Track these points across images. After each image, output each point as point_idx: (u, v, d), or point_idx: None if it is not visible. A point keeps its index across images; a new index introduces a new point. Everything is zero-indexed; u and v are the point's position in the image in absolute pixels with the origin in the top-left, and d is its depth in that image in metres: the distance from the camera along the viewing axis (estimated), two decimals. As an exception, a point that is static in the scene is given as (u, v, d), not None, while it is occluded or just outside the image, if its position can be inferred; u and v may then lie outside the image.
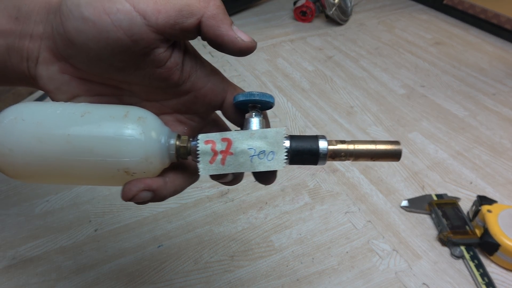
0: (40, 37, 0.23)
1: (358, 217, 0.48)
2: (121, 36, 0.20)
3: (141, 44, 0.21)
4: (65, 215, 0.47)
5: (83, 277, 0.40)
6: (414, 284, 0.40)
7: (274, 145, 0.23)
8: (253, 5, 1.12)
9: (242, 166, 0.23)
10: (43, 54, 0.23)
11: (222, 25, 0.21)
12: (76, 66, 0.23)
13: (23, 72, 0.24)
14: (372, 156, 0.24)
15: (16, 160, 0.21)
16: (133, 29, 0.20)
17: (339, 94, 0.72)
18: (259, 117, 0.24)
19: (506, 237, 0.41)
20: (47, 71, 0.23)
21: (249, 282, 0.40)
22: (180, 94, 0.24)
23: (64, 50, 0.22)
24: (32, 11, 0.23)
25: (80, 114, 0.21)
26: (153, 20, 0.20)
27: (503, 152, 0.59)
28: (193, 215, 0.47)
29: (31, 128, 0.21)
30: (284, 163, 0.23)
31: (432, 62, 0.84)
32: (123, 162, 0.21)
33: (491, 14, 0.95)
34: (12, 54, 0.23)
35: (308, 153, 0.23)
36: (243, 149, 0.22)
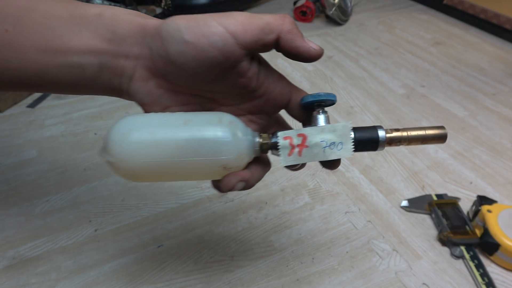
0: (136, 57, 0.26)
1: (358, 217, 0.48)
2: (216, 54, 0.24)
3: (231, 60, 0.25)
4: (65, 215, 0.47)
5: (83, 277, 0.40)
6: (414, 284, 0.40)
7: (342, 137, 0.27)
8: (253, 5, 1.12)
9: (316, 156, 0.27)
10: (139, 72, 0.27)
11: (297, 38, 0.25)
12: (172, 81, 0.27)
13: (114, 86, 0.27)
14: (422, 140, 0.28)
15: (135, 165, 0.25)
16: (226, 47, 0.24)
17: (339, 94, 0.72)
18: (325, 114, 0.28)
19: (506, 237, 0.41)
20: (144, 87, 0.27)
21: (249, 282, 0.40)
22: (254, 98, 0.28)
23: (163, 69, 0.26)
24: (128, 35, 0.26)
25: (183, 122, 0.26)
26: (241, 39, 0.24)
27: (503, 152, 0.59)
28: (193, 215, 0.47)
29: (145, 136, 0.25)
30: (352, 151, 0.27)
31: (432, 62, 0.84)
32: (223, 159, 0.26)
33: (491, 14, 0.95)
34: (104, 71, 0.26)
35: (369, 141, 0.27)
36: (316, 142, 0.27)
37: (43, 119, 0.63)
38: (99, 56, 0.26)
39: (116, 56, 0.26)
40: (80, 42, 0.25)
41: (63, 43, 0.25)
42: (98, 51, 0.26)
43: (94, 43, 0.26)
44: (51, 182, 0.52)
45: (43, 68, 0.26)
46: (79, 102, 0.67)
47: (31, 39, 0.25)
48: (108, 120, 0.63)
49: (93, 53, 0.26)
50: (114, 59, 0.26)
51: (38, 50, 0.25)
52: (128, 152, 0.25)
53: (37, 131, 0.60)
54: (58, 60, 0.26)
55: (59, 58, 0.25)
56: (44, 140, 0.59)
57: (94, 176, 0.53)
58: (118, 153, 0.25)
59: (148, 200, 0.49)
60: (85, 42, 0.25)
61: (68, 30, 0.25)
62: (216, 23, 0.24)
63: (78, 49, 0.25)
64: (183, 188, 0.51)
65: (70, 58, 0.26)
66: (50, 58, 0.25)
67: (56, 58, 0.25)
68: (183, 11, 0.97)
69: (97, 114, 0.65)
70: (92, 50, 0.26)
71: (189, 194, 0.50)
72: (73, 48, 0.25)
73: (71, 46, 0.25)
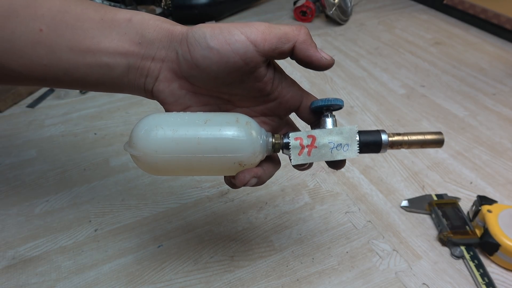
0: (162, 60, 0.29)
1: (358, 217, 0.48)
2: (238, 60, 0.26)
3: (250, 65, 0.27)
4: (65, 215, 0.47)
5: (83, 277, 0.40)
6: (414, 284, 0.40)
7: (348, 139, 0.29)
8: (253, 5, 1.12)
9: (324, 156, 0.29)
10: (164, 74, 0.29)
11: (311, 48, 0.28)
12: (194, 83, 0.29)
13: (139, 86, 0.30)
14: (421, 144, 0.30)
15: (159, 159, 0.27)
16: (247, 54, 0.26)
17: (339, 94, 0.72)
18: (333, 117, 0.30)
19: (506, 237, 0.41)
20: (168, 87, 0.29)
21: (249, 282, 0.40)
22: (268, 101, 0.31)
23: (187, 71, 0.28)
24: (156, 39, 0.28)
25: (204, 121, 0.28)
26: (261, 47, 0.27)
27: (503, 152, 0.59)
28: (193, 215, 0.47)
29: (169, 133, 0.27)
30: (357, 152, 0.29)
31: (432, 62, 0.84)
32: (239, 157, 0.28)
33: (491, 14, 0.95)
34: (131, 71, 0.29)
35: (374, 144, 0.30)
36: (324, 143, 0.29)
37: (43, 119, 0.63)
38: (128, 57, 0.28)
39: (144, 58, 0.28)
40: (110, 44, 0.28)
41: (93, 44, 0.27)
42: (126, 52, 0.28)
43: (123, 45, 0.28)
44: (51, 182, 0.52)
45: (73, 66, 0.28)
46: (79, 102, 0.67)
47: (63, 39, 0.27)
48: (108, 120, 0.63)
49: (122, 55, 0.28)
50: (142, 61, 0.28)
51: (69, 50, 0.27)
52: (152, 146, 0.27)
53: (37, 131, 0.60)
54: (88, 60, 0.28)
55: (89, 58, 0.28)
56: (44, 140, 0.59)
57: (94, 176, 0.53)
58: (143, 147, 0.27)
59: (148, 200, 0.49)
60: (114, 44, 0.28)
61: (99, 32, 0.28)
62: (238, 32, 0.27)
63: (108, 50, 0.28)
64: (183, 188, 0.51)
65: (99, 58, 0.28)
66: (80, 57, 0.28)
67: (86, 58, 0.28)
68: (183, 11, 0.97)
69: (97, 114, 0.65)
70: (121, 51, 0.28)
71: (189, 194, 0.50)
72: (103, 49, 0.28)
73: (101, 47, 0.28)
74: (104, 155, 0.56)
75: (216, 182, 0.52)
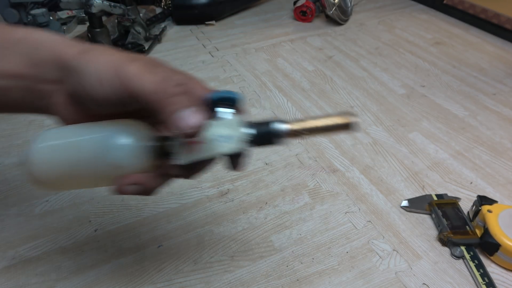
0: (56, 83, 0.28)
1: (358, 217, 0.48)
2: (122, 91, 0.26)
3: (135, 96, 0.26)
4: (65, 215, 0.47)
5: (83, 277, 0.40)
6: (414, 284, 0.40)
7: (234, 131, 0.27)
8: (253, 5, 1.12)
9: (211, 151, 0.27)
10: (58, 97, 0.28)
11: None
12: (88, 107, 0.28)
13: (37, 107, 0.30)
14: (324, 130, 0.28)
15: (40, 170, 0.28)
16: (129, 88, 0.26)
17: (339, 94, 0.72)
18: (227, 110, 0.28)
19: (506, 237, 0.41)
20: (64, 110, 0.29)
21: (249, 282, 0.40)
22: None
23: (79, 96, 0.28)
24: (48, 61, 0.27)
25: (87, 130, 0.28)
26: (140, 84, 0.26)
27: (503, 152, 0.59)
28: (193, 215, 0.47)
29: (50, 144, 0.28)
30: (244, 144, 0.27)
31: (432, 62, 0.83)
32: (118, 163, 0.27)
33: (492, 14, 0.95)
34: (27, 94, 0.28)
35: (266, 134, 0.27)
36: (211, 137, 0.27)
37: (43, 119, 0.63)
38: (22, 80, 0.28)
39: (38, 81, 0.28)
40: (3, 67, 0.27)
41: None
42: (20, 75, 0.27)
43: (17, 68, 0.27)
44: (51, 182, 0.51)
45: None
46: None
47: None
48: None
49: (16, 77, 0.27)
50: (36, 84, 0.28)
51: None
52: (35, 158, 0.27)
53: (37, 131, 0.60)
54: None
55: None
56: (44, 140, 0.58)
57: (94, 176, 0.53)
58: (29, 161, 0.28)
59: (148, 200, 0.49)
60: (8, 66, 0.27)
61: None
62: (125, 66, 0.26)
63: (1, 73, 0.27)
64: (183, 188, 0.51)
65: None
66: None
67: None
68: (183, 11, 0.97)
69: (97, 114, 0.64)
70: (15, 74, 0.27)
71: (189, 194, 0.50)
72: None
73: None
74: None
75: (216, 182, 0.52)
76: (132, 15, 0.84)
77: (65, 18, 0.97)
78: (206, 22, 1.00)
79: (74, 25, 0.96)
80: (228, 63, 0.82)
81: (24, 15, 0.83)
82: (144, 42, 0.88)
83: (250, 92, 0.72)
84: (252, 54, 0.86)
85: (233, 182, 0.52)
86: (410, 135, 0.62)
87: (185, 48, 0.88)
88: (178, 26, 0.99)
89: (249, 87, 0.73)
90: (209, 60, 0.83)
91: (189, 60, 0.83)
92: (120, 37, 0.87)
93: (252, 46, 0.89)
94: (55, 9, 0.98)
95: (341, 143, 0.60)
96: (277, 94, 0.71)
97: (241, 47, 0.89)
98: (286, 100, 0.70)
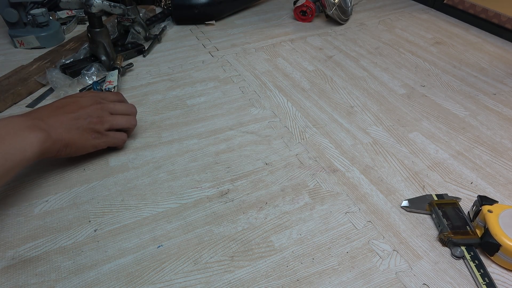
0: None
1: (358, 217, 0.48)
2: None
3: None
4: (65, 215, 0.47)
5: (83, 277, 0.40)
6: (414, 285, 0.40)
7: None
8: (253, 5, 1.12)
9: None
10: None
11: None
12: None
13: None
14: None
15: None
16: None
17: (339, 94, 0.72)
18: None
19: (506, 238, 0.41)
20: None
21: (249, 282, 0.40)
22: None
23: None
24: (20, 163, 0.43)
25: None
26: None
27: (503, 152, 0.59)
28: (193, 215, 0.47)
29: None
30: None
31: (432, 62, 0.83)
32: None
33: (492, 13, 0.95)
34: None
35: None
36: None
37: (43, 119, 0.63)
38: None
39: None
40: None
41: None
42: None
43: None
44: (50, 182, 0.51)
45: None
46: (79, 102, 0.67)
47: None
48: (108, 120, 0.63)
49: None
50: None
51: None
52: None
53: (37, 131, 0.60)
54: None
55: None
56: (43, 140, 0.58)
57: (94, 176, 0.52)
58: None
59: (148, 200, 0.49)
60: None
61: None
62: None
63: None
64: (183, 188, 0.51)
65: None
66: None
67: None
68: (183, 11, 0.97)
69: (96, 114, 0.64)
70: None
71: (189, 194, 0.50)
72: None
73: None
74: (104, 155, 0.56)
75: (216, 182, 0.52)
76: (132, 15, 0.83)
77: (65, 18, 0.97)
78: (206, 22, 1.00)
79: (73, 25, 0.96)
80: (228, 63, 0.82)
81: (23, 15, 0.83)
82: (144, 42, 0.88)
83: (250, 92, 0.72)
84: (252, 54, 0.86)
85: (233, 182, 0.52)
86: (410, 135, 0.62)
87: (185, 48, 0.88)
88: (178, 26, 0.99)
89: (249, 87, 0.73)
90: (209, 60, 0.83)
91: (189, 60, 0.83)
92: (120, 37, 0.87)
93: (252, 46, 0.89)
94: (54, 9, 0.98)
95: (341, 143, 0.60)
96: (277, 94, 0.71)
97: (241, 47, 0.89)
98: (286, 100, 0.70)
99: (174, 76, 0.77)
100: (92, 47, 0.76)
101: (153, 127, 0.63)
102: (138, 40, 0.87)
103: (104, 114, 0.52)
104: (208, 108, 0.67)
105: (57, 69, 0.73)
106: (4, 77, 0.72)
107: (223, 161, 0.56)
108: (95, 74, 0.74)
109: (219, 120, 0.64)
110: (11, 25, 0.83)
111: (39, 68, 0.74)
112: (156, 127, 0.63)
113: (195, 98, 0.70)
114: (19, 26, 0.84)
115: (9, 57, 0.83)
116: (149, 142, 0.59)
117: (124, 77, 0.76)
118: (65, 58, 0.77)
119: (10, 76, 0.72)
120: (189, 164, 0.55)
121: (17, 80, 0.70)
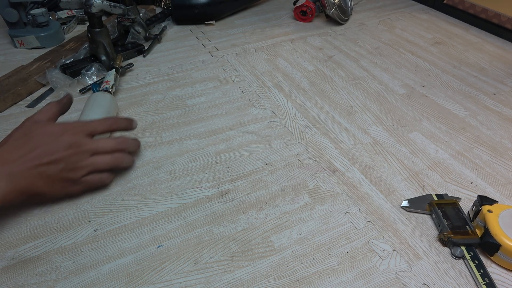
0: None
1: (358, 217, 0.48)
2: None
3: None
4: (65, 215, 0.47)
5: (83, 277, 0.40)
6: (414, 285, 0.40)
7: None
8: (253, 5, 1.12)
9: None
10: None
11: None
12: None
13: None
14: None
15: None
16: None
17: (339, 94, 0.72)
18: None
19: (506, 238, 0.41)
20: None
21: (249, 282, 0.40)
22: None
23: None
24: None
25: None
26: None
27: (503, 152, 0.59)
28: (193, 215, 0.47)
29: None
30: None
31: (432, 62, 0.83)
32: None
33: (492, 13, 0.95)
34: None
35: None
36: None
37: (43, 119, 0.63)
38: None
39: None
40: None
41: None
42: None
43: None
44: (51, 182, 0.51)
45: None
46: (78, 102, 0.67)
47: None
48: (108, 120, 0.63)
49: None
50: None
51: None
52: None
53: (37, 131, 0.60)
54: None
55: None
56: (43, 140, 0.58)
57: (94, 176, 0.52)
58: None
59: (148, 200, 0.49)
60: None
61: None
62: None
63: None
64: (183, 188, 0.51)
65: None
66: None
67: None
68: (183, 11, 0.97)
69: (96, 114, 0.64)
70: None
71: (189, 194, 0.50)
72: None
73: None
74: (104, 155, 0.56)
75: (216, 182, 0.52)
76: (132, 15, 0.83)
77: (65, 18, 0.97)
78: (206, 22, 1.00)
79: (73, 25, 0.96)
80: (228, 63, 0.82)
81: (23, 14, 0.83)
82: (144, 42, 0.88)
83: (250, 92, 0.72)
84: (252, 54, 0.86)
85: (233, 182, 0.52)
86: (410, 135, 0.62)
87: (185, 48, 0.88)
88: (178, 26, 0.99)
89: (249, 87, 0.73)
90: (209, 60, 0.83)
91: (189, 60, 0.83)
92: (120, 37, 0.87)
93: (252, 46, 0.89)
94: (54, 9, 0.98)
95: (341, 143, 0.60)
96: (277, 94, 0.71)
97: (241, 47, 0.89)
98: (286, 100, 0.70)
99: (174, 76, 0.77)
100: (92, 47, 0.76)
101: (153, 127, 0.63)
102: (138, 40, 0.87)
103: (82, 158, 0.46)
104: (208, 108, 0.67)
105: (57, 69, 0.73)
106: (4, 77, 0.72)
107: (223, 161, 0.56)
108: (95, 74, 0.74)
109: (219, 120, 0.64)
110: (11, 25, 0.83)
111: (39, 68, 0.74)
112: (156, 127, 0.63)
113: (195, 98, 0.70)
114: (19, 26, 0.84)
115: (9, 57, 0.83)
116: (149, 142, 0.59)
117: (124, 77, 0.76)
118: (65, 58, 0.77)
119: (10, 76, 0.72)
120: (189, 164, 0.55)
121: (17, 80, 0.70)
